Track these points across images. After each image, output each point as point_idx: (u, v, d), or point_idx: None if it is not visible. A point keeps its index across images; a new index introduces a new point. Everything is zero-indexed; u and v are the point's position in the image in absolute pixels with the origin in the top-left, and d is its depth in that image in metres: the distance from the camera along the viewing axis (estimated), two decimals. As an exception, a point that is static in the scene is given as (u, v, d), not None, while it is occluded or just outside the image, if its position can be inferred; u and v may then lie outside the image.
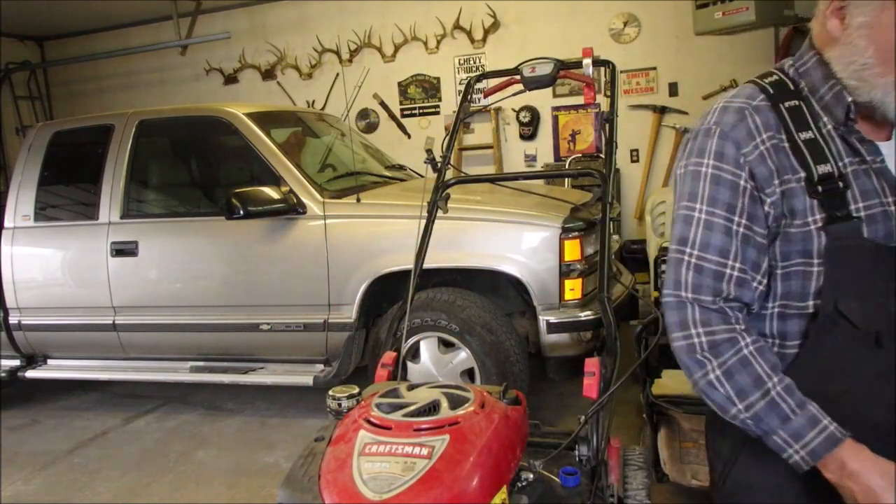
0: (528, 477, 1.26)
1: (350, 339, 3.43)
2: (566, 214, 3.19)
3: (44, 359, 4.21)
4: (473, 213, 3.26)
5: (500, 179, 3.75)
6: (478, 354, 3.14)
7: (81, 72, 7.73)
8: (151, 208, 4.08)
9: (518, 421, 1.31)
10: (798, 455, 1.07)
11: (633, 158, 6.10)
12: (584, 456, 1.48)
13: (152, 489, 3.15)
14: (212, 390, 4.35)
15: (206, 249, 3.73)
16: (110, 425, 3.99)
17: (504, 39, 6.30)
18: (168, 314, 3.78)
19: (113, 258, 3.80)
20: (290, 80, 6.99)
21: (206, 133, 4.11)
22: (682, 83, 5.89)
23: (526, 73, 2.32)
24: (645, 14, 5.88)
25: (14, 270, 4.02)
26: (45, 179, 4.07)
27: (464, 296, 3.26)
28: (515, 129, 6.40)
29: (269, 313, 3.58)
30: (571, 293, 3.12)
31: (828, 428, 1.06)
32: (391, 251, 3.32)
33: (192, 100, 7.15)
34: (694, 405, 2.36)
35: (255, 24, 6.98)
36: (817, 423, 1.07)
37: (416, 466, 1.09)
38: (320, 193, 3.53)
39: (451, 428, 1.16)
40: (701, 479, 2.36)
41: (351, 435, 1.20)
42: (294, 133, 4.22)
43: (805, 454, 1.07)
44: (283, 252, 3.52)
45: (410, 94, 6.68)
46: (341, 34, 6.67)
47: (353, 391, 1.38)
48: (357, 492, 1.08)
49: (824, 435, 1.06)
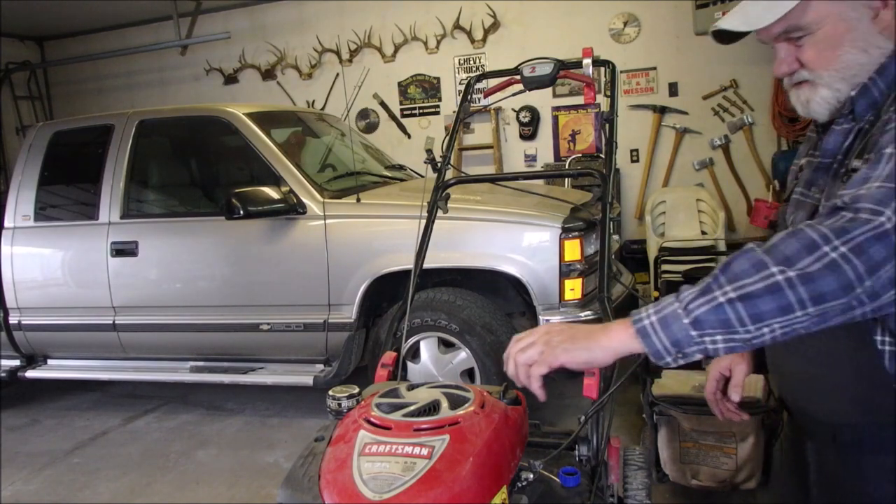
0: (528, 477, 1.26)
1: (350, 339, 3.43)
2: (566, 214, 3.19)
3: (44, 359, 4.21)
4: (473, 213, 3.26)
5: (500, 179, 3.75)
6: (478, 354, 3.14)
7: (81, 72, 7.73)
8: (151, 208, 4.08)
9: (518, 421, 1.31)
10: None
11: (633, 158, 6.10)
12: (584, 456, 1.48)
13: (152, 489, 3.15)
14: (212, 390, 4.35)
15: (206, 249, 3.73)
16: (110, 425, 3.99)
17: (504, 39, 6.29)
18: (168, 314, 3.78)
19: (113, 258, 3.80)
20: (290, 80, 6.99)
21: (206, 133, 4.11)
22: (682, 83, 5.89)
23: (526, 73, 2.31)
24: (645, 14, 5.88)
25: (14, 270, 4.02)
26: (45, 179, 4.07)
27: (464, 296, 3.26)
28: (515, 129, 6.40)
29: (269, 313, 3.58)
30: (571, 293, 3.12)
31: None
32: (391, 251, 3.32)
33: (192, 100, 7.14)
34: (694, 405, 2.36)
35: (255, 24, 6.98)
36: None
37: (416, 466, 1.09)
38: (320, 193, 3.53)
39: (451, 428, 1.16)
40: (701, 479, 2.36)
41: (351, 435, 1.20)
42: (294, 133, 4.22)
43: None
44: (283, 252, 3.52)
45: (410, 94, 6.68)
46: (341, 34, 6.67)
47: (353, 391, 1.38)
48: (357, 492, 1.08)
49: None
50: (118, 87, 7.68)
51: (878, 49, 1.08)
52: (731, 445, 2.30)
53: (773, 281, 0.94)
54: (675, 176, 6.03)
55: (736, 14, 1.15)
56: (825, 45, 1.10)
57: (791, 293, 0.93)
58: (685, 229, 5.55)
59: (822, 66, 1.11)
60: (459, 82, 6.45)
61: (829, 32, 1.09)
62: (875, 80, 1.08)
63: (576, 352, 1.08)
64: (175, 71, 7.38)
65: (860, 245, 0.91)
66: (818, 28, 1.09)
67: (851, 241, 0.92)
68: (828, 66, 1.11)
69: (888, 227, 0.91)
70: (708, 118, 5.87)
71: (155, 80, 7.51)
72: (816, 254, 0.93)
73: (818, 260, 0.92)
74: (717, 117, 5.84)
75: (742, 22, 1.14)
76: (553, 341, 1.10)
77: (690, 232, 5.52)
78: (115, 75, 7.64)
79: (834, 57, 1.10)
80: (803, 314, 0.93)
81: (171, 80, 7.44)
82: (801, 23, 1.10)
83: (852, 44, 1.09)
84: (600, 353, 1.07)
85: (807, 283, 0.92)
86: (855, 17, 1.08)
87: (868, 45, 1.08)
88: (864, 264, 0.91)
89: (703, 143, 5.90)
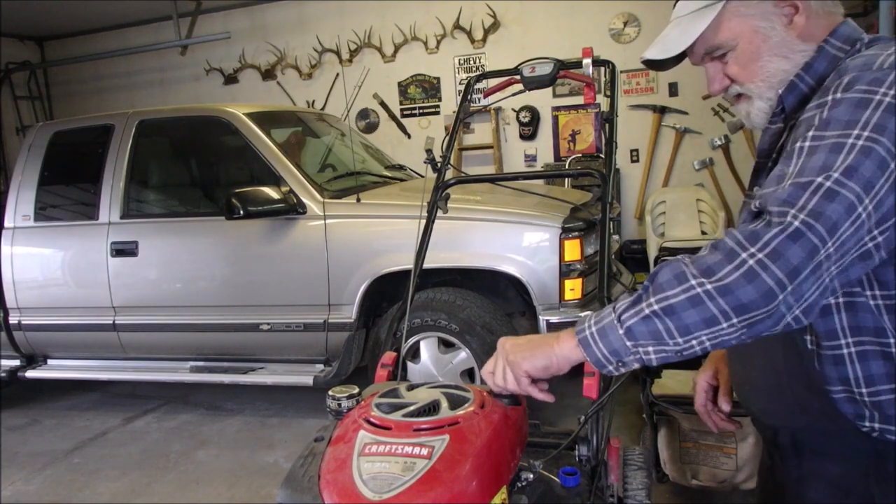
0: (528, 477, 1.26)
1: (350, 339, 3.43)
2: (566, 214, 3.19)
3: (44, 359, 4.21)
4: (473, 213, 3.26)
5: (500, 179, 3.74)
6: (478, 354, 3.14)
7: (81, 72, 7.73)
8: (151, 208, 4.08)
9: (518, 421, 1.30)
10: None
11: (633, 158, 6.10)
12: (584, 456, 1.48)
13: (152, 489, 3.15)
14: (212, 390, 4.35)
15: (206, 249, 3.73)
16: (110, 425, 3.99)
17: (504, 39, 6.30)
18: (168, 314, 3.78)
19: (113, 258, 3.80)
20: (290, 80, 6.99)
21: (206, 133, 4.11)
22: (682, 83, 5.89)
23: (526, 73, 2.31)
24: (645, 14, 5.88)
25: (14, 270, 4.02)
26: (45, 179, 4.07)
27: (464, 296, 3.26)
28: (515, 129, 6.40)
29: (269, 313, 3.58)
30: (571, 293, 3.12)
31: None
32: (391, 251, 3.32)
33: (192, 100, 7.15)
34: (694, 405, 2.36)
35: (255, 24, 6.98)
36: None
37: (416, 466, 1.09)
38: (320, 193, 3.53)
39: (450, 428, 1.16)
40: (701, 479, 2.36)
41: (351, 435, 1.20)
42: (294, 133, 4.22)
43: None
44: (283, 252, 3.52)
45: (410, 94, 6.68)
46: (341, 34, 6.68)
47: (353, 391, 1.38)
48: (357, 492, 1.08)
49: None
50: (118, 87, 7.68)
51: (800, 52, 1.09)
52: (731, 445, 2.30)
53: (693, 294, 0.92)
54: (675, 176, 6.04)
55: (657, 44, 1.19)
56: (746, 58, 1.12)
57: (712, 305, 0.91)
58: (685, 229, 5.56)
59: (748, 79, 1.13)
60: (459, 82, 6.46)
61: (746, 47, 1.11)
62: (802, 76, 1.09)
63: (535, 360, 1.13)
64: (175, 71, 7.38)
65: (775, 250, 0.88)
66: (735, 44, 1.11)
67: (766, 247, 0.89)
68: (753, 77, 1.12)
69: (796, 225, 0.88)
70: (708, 118, 5.87)
71: (155, 80, 7.51)
72: (735, 262, 0.90)
73: (736, 269, 0.90)
74: (717, 117, 5.84)
75: (661, 50, 1.18)
76: (513, 358, 1.16)
77: (690, 232, 5.52)
78: (115, 75, 7.65)
79: (757, 68, 1.11)
80: (728, 325, 0.91)
81: (171, 80, 7.44)
82: (716, 42, 1.13)
83: (771, 53, 1.10)
84: (555, 359, 1.10)
85: (725, 295, 0.90)
86: (767, 26, 1.09)
87: (788, 51, 1.09)
88: (783, 269, 0.88)
89: (703, 143, 5.90)
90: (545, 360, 1.11)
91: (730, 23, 1.10)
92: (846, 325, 1.02)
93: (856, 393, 1.03)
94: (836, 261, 0.91)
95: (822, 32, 1.09)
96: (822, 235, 0.88)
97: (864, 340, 1.01)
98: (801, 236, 0.88)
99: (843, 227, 0.89)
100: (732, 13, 1.10)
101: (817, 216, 0.88)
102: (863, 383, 1.02)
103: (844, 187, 0.89)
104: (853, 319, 1.02)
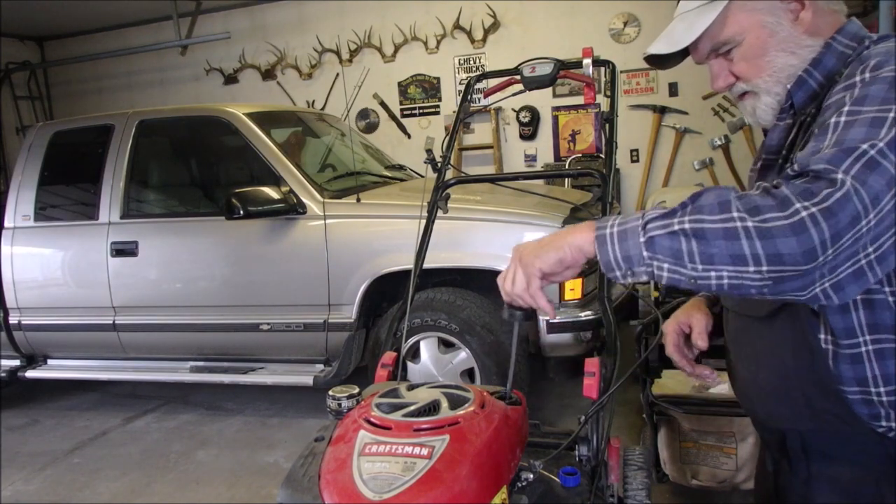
0: (528, 477, 1.26)
1: (350, 339, 3.43)
2: (566, 214, 3.19)
3: (44, 359, 4.20)
4: (473, 213, 3.26)
5: (500, 179, 3.74)
6: (478, 354, 3.14)
7: (81, 72, 7.73)
8: (151, 208, 4.08)
9: (518, 421, 1.31)
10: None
11: (633, 158, 6.11)
12: (584, 456, 1.48)
13: (152, 489, 3.15)
14: (212, 390, 4.35)
15: (206, 249, 3.72)
16: (110, 425, 3.99)
17: (504, 39, 6.30)
18: (168, 314, 3.78)
19: (113, 258, 3.80)
20: (290, 80, 6.99)
21: (206, 133, 4.11)
22: (682, 83, 5.89)
23: (526, 73, 2.31)
24: (645, 14, 5.88)
25: (14, 270, 4.02)
26: (45, 179, 4.07)
27: (464, 296, 3.26)
28: (515, 129, 6.40)
29: (269, 313, 3.58)
30: (571, 293, 3.12)
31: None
32: (391, 251, 3.32)
33: (192, 100, 7.15)
34: (694, 405, 2.36)
35: (255, 24, 6.99)
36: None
37: (416, 466, 1.09)
38: (320, 193, 3.53)
39: (450, 428, 1.16)
40: (701, 479, 2.36)
41: (351, 435, 1.20)
42: (294, 133, 4.22)
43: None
44: (283, 252, 3.52)
45: (410, 94, 6.68)
46: (341, 34, 6.68)
47: (353, 391, 1.38)
48: (357, 492, 1.08)
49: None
50: (118, 87, 7.68)
51: (807, 48, 1.09)
52: (731, 445, 2.30)
53: (731, 226, 0.87)
54: (675, 176, 6.04)
55: (662, 38, 1.18)
56: (752, 54, 1.11)
57: (747, 244, 0.86)
58: (685, 229, 5.55)
59: (755, 75, 1.12)
60: (459, 82, 6.46)
61: (753, 42, 1.10)
62: (810, 71, 1.08)
63: (547, 255, 1.06)
64: (175, 71, 7.38)
65: (830, 208, 0.84)
66: (742, 39, 1.11)
67: (822, 203, 0.85)
68: (760, 73, 1.12)
69: (847, 187, 0.84)
70: (708, 118, 5.87)
71: (155, 80, 7.51)
72: (788, 210, 0.86)
73: (787, 217, 0.85)
74: (717, 117, 5.85)
75: (667, 44, 1.17)
76: (525, 258, 1.09)
77: (690, 232, 5.52)
78: (115, 75, 7.65)
79: (764, 63, 1.11)
80: (756, 271, 0.87)
81: (171, 80, 7.44)
82: (723, 37, 1.12)
83: (778, 48, 1.10)
84: (568, 250, 1.04)
85: (765, 239, 0.85)
86: (774, 21, 1.09)
87: (795, 46, 1.09)
88: (832, 229, 0.84)
89: (703, 143, 5.90)
90: (558, 253, 1.05)
91: (736, 17, 1.10)
92: (864, 322, 1.00)
93: (872, 393, 1.01)
94: (873, 240, 0.88)
95: (829, 30, 1.09)
96: (865, 204, 0.85)
97: (882, 338, 1.00)
98: (849, 200, 0.84)
99: (884, 199, 0.86)
100: (739, 8, 1.10)
101: (862, 183, 0.85)
102: (880, 382, 1.00)
103: (886, 158, 0.86)
104: (871, 317, 1.00)
